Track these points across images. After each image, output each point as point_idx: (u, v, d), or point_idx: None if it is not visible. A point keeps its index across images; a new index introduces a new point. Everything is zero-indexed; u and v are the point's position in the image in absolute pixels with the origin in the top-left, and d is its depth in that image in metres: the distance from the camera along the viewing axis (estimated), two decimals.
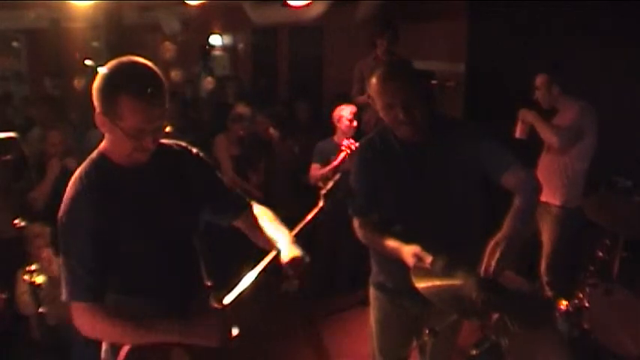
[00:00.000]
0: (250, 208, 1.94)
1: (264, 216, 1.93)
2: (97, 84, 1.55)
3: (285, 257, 1.72)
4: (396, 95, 1.99)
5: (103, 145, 1.67)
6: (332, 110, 4.44)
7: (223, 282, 1.85)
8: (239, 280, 1.78)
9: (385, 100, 2.02)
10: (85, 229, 1.57)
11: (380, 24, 4.78)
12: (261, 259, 1.80)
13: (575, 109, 3.46)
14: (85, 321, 1.60)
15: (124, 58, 1.57)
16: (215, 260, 2.00)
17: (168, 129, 1.72)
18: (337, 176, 2.00)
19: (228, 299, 1.75)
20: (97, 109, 1.55)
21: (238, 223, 1.95)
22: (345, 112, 4.23)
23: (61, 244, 1.61)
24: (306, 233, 1.89)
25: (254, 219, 1.92)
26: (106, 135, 1.63)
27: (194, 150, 1.85)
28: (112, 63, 1.56)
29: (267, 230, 1.87)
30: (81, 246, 1.58)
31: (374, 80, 2.04)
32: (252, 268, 1.80)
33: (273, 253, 1.80)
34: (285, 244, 1.77)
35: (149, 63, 1.58)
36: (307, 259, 1.73)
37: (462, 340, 3.54)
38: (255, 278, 1.74)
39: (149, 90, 1.51)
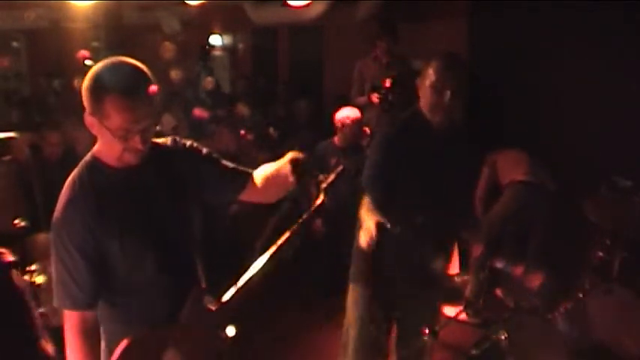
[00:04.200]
0: (251, 177, 1.92)
1: (262, 168, 1.93)
2: (85, 84, 1.54)
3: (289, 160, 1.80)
4: (448, 78, 2.24)
5: (95, 147, 1.66)
6: (332, 110, 4.42)
7: (220, 284, 1.85)
8: (237, 280, 1.77)
9: (436, 79, 2.24)
10: (76, 241, 1.57)
11: (380, 24, 4.76)
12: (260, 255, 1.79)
13: None
14: (66, 327, 1.63)
15: (112, 59, 1.57)
16: (212, 263, 1.99)
17: (158, 127, 1.69)
18: (339, 169, 1.97)
19: (226, 296, 1.74)
20: (86, 110, 1.54)
21: (245, 196, 1.94)
22: (347, 121, 4.13)
23: (53, 250, 1.61)
24: (307, 232, 1.87)
25: (257, 183, 1.91)
26: (97, 136, 1.61)
27: (187, 142, 1.83)
28: (99, 63, 1.55)
29: (270, 171, 1.89)
30: (71, 257, 1.57)
31: (436, 61, 2.27)
32: (250, 266, 1.79)
33: (281, 240, 1.78)
34: (287, 157, 1.83)
35: (137, 63, 1.57)
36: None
37: (462, 340, 3.55)
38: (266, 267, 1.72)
39: (134, 89, 1.50)
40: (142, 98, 1.52)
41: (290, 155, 1.83)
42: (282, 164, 1.85)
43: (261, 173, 1.93)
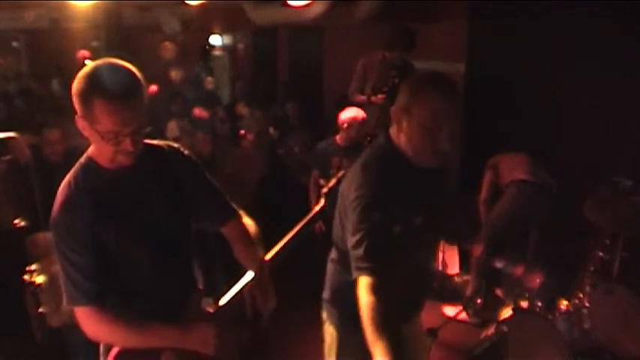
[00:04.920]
0: (238, 218, 1.91)
1: (249, 233, 1.89)
2: (74, 87, 1.53)
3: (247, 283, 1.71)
4: (448, 116, 1.71)
5: (90, 149, 1.66)
6: (331, 110, 4.41)
7: (218, 285, 1.85)
8: (235, 282, 1.78)
9: (432, 118, 1.70)
10: (76, 237, 1.57)
11: (397, 32, 4.58)
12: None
13: None
14: (89, 325, 1.61)
15: (101, 61, 1.56)
16: (209, 263, 1.99)
17: (148, 129, 1.68)
18: (340, 174, 1.97)
19: (223, 301, 1.74)
20: (78, 113, 1.54)
21: (224, 231, 1.92)
22: (354, 123, 4.13)
23: (56, 250, 1.61)
24: (306, 236, 1.87)
25: (238, 232, 1.89)
26: (89, 139, 1.61)
27: (185, 151, 1.83)
28: (88, 66, 1.55)
29: (243, 252, 1.87)
30: (75, 252, 1.57)
31: (424, 88, 1.73)
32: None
33: (282, 243, 1.77)
34: (256, 268, 1.76)
35: (126, 64, 1.56)
36: (271, 305, 1.71)
37: (462, 340, 3.56)
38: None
39: (122, 93, 1.49)
40: (130, 101, 1.51)
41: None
42: (249, 265, 1.83)
43: (245, 235, 1.89)
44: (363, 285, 1.68)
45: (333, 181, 1.93)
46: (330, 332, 2.09)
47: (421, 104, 1.70)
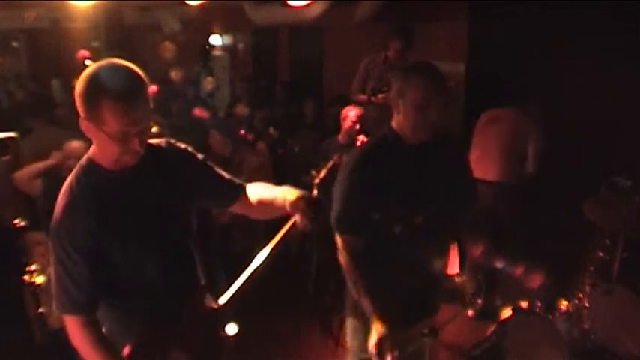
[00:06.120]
0: (244, 190, 1.93)
1: (258, 188, 1.93)
2: (78, 89, 1.52)
3: (291, 198, 1.75)
4: (436, 93, 1.95)
5: (91, 150, 1.66)
6: (331, 110, 4.43)
7: (219, 283, 1.85)
8: (235, 280, 1.77)
9: (422, 97, 1.94)
10: (76, 244, 1.57)
11: (394, 28, 4.62)
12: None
13: None
14: (71, 332, 1.63)
15: (104, 62, 1.55)
16: (210, 261, 1.99)
17: (154, 129, 1.69)
18: (330, 164, 1.98)
19: (224, 298, 1.74)
20: (81, 115, 1.53)
21: (235, 208, 1.95)
22: (350, 113, 4.21)
23: (53, 255, 1.61)
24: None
25: (249, 198, 1.91)
26: (93, 140, 1.61)
27: (182, 145, 1.84)
28: (92, 67, 1.54)
29: (266, 196, 1.88)
30: (72, 260, 1.57)
31: (413, 74, 1.99)
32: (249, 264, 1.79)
33: (278, 237, 1.78)
34: (288, 192, 1.80)
35: (130, 65, 1.56)
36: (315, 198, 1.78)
37: (462, 340, 3.55)
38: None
39: (130, 93, 1.49)
40: (138, 101, 1.51)
41: (295, 194, 1.78)
42: (280, 195, 1.82)
43: (256, 192, 1.92)
44: (339, 242, 2.03)
45: (323, 172, 1.94)
46: (349, 320, 2.22)
47: (411, 86, 1.96)
